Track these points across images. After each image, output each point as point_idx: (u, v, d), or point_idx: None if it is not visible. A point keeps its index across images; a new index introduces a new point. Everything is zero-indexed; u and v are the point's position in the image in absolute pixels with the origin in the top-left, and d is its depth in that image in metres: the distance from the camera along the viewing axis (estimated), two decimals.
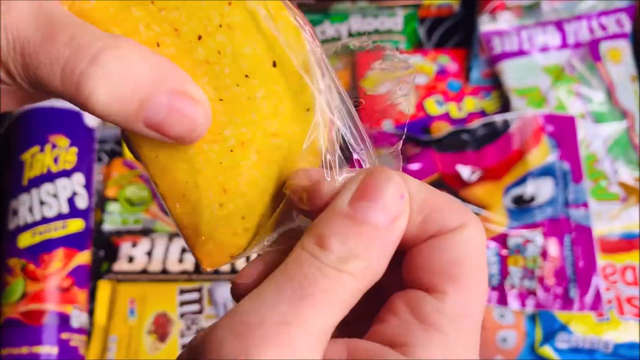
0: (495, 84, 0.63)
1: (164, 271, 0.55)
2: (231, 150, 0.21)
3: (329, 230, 0.18)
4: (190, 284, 0.55)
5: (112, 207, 0.58)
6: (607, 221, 0.57)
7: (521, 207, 0.55)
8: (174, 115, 0.19)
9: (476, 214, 0.55)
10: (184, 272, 0.55)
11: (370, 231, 0.18)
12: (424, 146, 0.58)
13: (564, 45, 0.63)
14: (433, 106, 0.63)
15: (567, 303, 0.53)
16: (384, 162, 0.21)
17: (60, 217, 0.54)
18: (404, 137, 0.22)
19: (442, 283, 0.18)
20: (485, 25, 0.64)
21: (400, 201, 0.18)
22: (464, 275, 0.18)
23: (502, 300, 0.54)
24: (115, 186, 0.59)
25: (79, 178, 0.56)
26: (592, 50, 0.62)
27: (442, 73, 0.64)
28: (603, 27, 0.63)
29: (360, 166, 0.21)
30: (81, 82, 0.18)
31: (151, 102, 0.18)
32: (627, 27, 0.63)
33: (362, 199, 0.18)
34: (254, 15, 0.19)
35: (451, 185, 0.56)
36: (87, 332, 0.54)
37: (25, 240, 0.53)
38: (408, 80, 0.20)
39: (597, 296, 0.53)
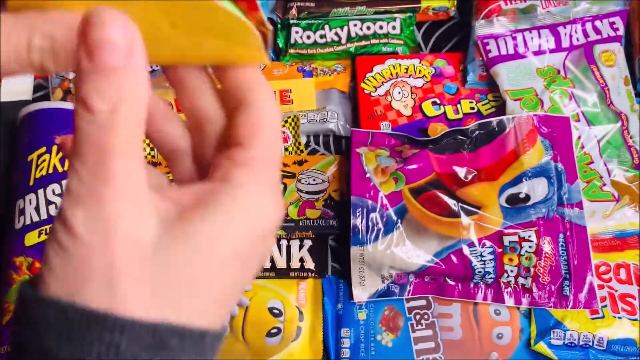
0: (491, 86, 0.64)
1: None
2: None
3: (86, 91, 0.20)
4: None
5: None
6: (601, 220, 0.58)
7: (516, 206, 0.56)
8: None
9: (472, 213, 0.56)
10: None
11: (117, 72, 0.20)
12: (421, 147, 0.59)
13: (559, 48, 0.63)
14: (430, 108, 0.63)
15: (561, 301, 0.54)
16: None
17: None
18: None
19: (247, 139, 0.23)
20: (481, 29, 0.64)
21: (124, 32, 0.20)
22: (263, 131, 0.24)
23: (498, 298, 0.55)
24: None
25: None
26: (586, 53, 0.62)
27: (438, 76, 0.65)
28: (597, 31, 0.63)
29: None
30: None
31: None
32: (621, 30, 0.63)
33: (98, 51, 0.20)
34: None
35: (447, 185, 0.57)
36: None
37: (32, 238, 0.54)
38: None
39: (591, 294, 0.54)
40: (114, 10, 0.20)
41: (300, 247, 0.58)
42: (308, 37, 0.67)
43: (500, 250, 0.55)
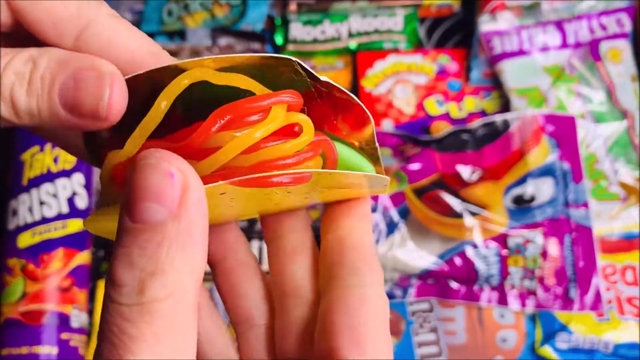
0: (495, 83, 0.63)
1: None
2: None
3: (115, 261, 0.15)
4: None
5: None
6: (607, 221, 0.57)
7: (521, 207, 0.55)
8: (82, 90, 0.18)
9: (476, 214, 0.55)
10: None
11: (154, 233, 0.15)
12: (424, 146, 0.58)
13: (564, 45, 0.63)
14: (433, 106, 0.63)
15: (567, 303, 0.53)
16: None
17: (60, 217, 0.54)
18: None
19: (347, 348, 0.18)
20: (485, 25, 0.63)
21: (171, 180, 0.15)
22: (369, 343, 0.19)
23: (502, 301, 0.54)
24: None
25: (78, 178, 0.56)
26: (592, 50, 0.62)
27: (442, 73, 0.64)
28: (603, 27, 0.63)
29: None
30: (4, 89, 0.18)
31: (58, 85, 0.18)
32: (627, 27, 0.62)
33: (134, 204, 0.15)
34: None
35: (451, 185, 0.56)
36: (87, 332, 0.54)
37: (25, 240, 0.53)
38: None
39: (597, 296, 0.53)
40: (167, 152, 0.16)
41: None
42: (308, 33, 0.66)
43: (505, 252, 0.54)
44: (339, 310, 0.19)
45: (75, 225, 0.54)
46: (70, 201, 0.55)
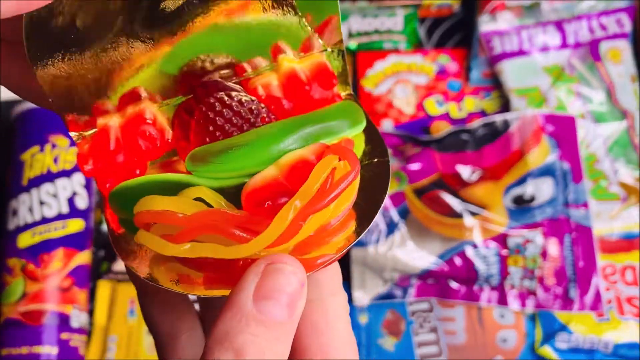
0: (495, 84, 0.63)
1: None
2: None
3: (245, 341, 0.18)
4: None
5: None
6: (607, 221, 0.57)
7: (521, 207, 0.55)
8: None
9: (476, 214, 0.55)
10: None
11: (275, 329, 0.18)
12: (424, 146, 0.58)
13: (564, 45, 0.63)
14: (433, 106, 0.63)
15: (567, 303, 0.53)
16: None
17: (60, 217, 0.54)
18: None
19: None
20: (485, 25, 0.63)
21: (301, 290, 0.19)
22: (334, 351, 0.21)
23: (502, 301, 0.54)
24: None
25: (79, 178, 0.56)
26: (592, 50, 0.62)
27: (442, 73, 0.64)
28: (603, 27, 0.63)
29: None
30: None
31: None
32: (627, 27, 0.62)
33: (265, 298, 0.18)
34: None
35: (451, 185, 0.56)
36: (87, 332, 0.54)
37: (25, 240, 0.53)
38: None
39: (597, 296, 0.53)
40: (300, 264, 0.19)
41: None
42: None
43: (504, 252, 0.54)
44: (306, 329, 0.21)
45: (75, 225, 0.54)
46: (71, 201, 0.55)
